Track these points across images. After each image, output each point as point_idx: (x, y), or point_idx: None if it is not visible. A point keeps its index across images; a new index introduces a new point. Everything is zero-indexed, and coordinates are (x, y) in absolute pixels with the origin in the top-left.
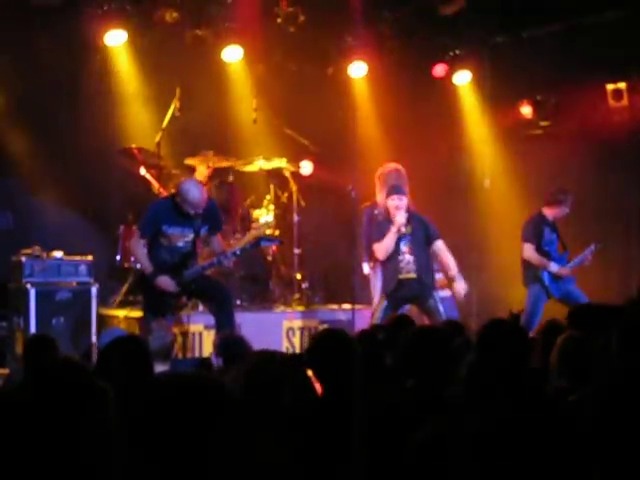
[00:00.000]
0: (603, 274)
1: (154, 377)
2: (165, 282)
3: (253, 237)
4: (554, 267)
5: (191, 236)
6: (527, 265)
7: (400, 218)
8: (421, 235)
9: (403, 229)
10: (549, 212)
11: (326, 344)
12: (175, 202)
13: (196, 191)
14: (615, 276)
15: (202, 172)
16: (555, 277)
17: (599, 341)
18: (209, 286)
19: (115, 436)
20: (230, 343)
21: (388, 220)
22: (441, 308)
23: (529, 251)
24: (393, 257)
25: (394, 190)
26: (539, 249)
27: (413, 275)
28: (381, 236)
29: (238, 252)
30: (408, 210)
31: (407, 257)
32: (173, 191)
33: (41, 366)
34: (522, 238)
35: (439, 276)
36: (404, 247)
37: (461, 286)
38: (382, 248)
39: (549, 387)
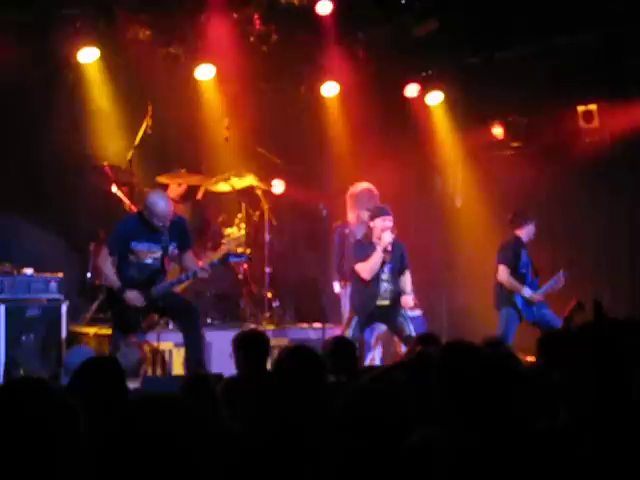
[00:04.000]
0: (572, 291)
1: (132, 398)
2: (133, 297)
3: (222, 254)
4: (527, 292)
5: (159, 253)
6: (500, 288)
7: (387, 237)
8: (398, 262)
9: (389, 248)
10: (522, 234)
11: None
12: (143, 218)
13: (163, 203)
14: (584, 293)
15: (175, 190)
16: (528, 301)
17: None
18: (178, 304)
19: (86, 454)
20: (250, 337)
21: (369, 240)
22: (410, 325)
23: (503, 274)
24: (374, 283)
25: (383, 211)
26: (515, 272)
27: (387, 302)
28: (364, 256)
29: (207, 268)
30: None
31: (385, 285)
32: (140, 208)
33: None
34: (498, 260)
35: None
36: (384, 275)
37: (410, 297)
38: (368, 269)
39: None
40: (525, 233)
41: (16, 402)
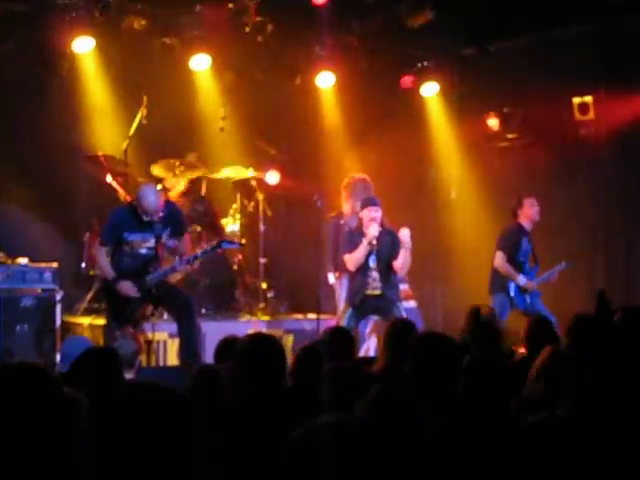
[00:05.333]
0: (569, 283)
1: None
2: (127, 287)
3: (215, 241)
4: (522, 280)
5: (152, 241)
6: (495, 273)
7: (373, 230)
8: (389, 251)
9: (374, 242)
10: (523, 221)
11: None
12: (134, 209)
13: (152, 197)
14: (581, 285)
15: (174, 185)
16: (521, 289)
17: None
18: (172, 294)
19: (85, 444)
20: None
21: (360, 231)
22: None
23: (500, 260)
24: (361, 272)
25: (370, 202)
26: (514, 259)
27: (378, 292)
28: (352, 247)
29: (199, 254)
30: (381, 224)
31: (374, 274)
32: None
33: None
34: (497, 246)
35: (404, 287)
36: (372, 263)
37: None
38: (353, 260)
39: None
40: (525, 219)
41: (15, 386)
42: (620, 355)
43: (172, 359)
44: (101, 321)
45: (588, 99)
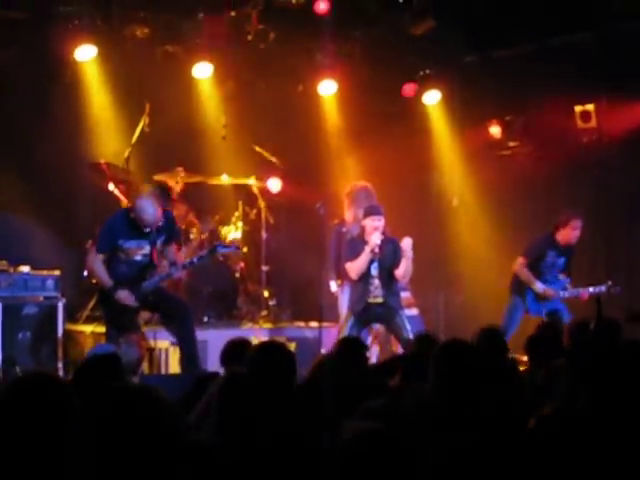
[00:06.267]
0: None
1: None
2: (125, 296)
3: (210, 246)
4: (539, 287)
5: (148, 248)
6: (517, 276)
7: (375, 239)
8: (391, 259)
9: (377, 250)
10: (559, 235)
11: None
12: (130, 216)
13: (150, 210)
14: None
15: (173, 189)
16: (538, 297)
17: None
18: (169, 301)
19: (83, 451)
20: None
21: (362, 239)
22: (408, 325)
23: (518, 265)
24: (364, 280)
25: (373, 211)
26: (535, 268)
27: (380, 300)
28: (355, 255)
29: (195, 261)
30: (383, 233)
31: (376, 282)
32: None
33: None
34: (523, 250)
35: (406, 294)
36: (374, 271)
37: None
38: (355, 268)
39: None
40: (562, 236)
41: (31, 396)
42: (620, 362)
43: (174, 367)
44: (103, 329)
45: (590, 107)
